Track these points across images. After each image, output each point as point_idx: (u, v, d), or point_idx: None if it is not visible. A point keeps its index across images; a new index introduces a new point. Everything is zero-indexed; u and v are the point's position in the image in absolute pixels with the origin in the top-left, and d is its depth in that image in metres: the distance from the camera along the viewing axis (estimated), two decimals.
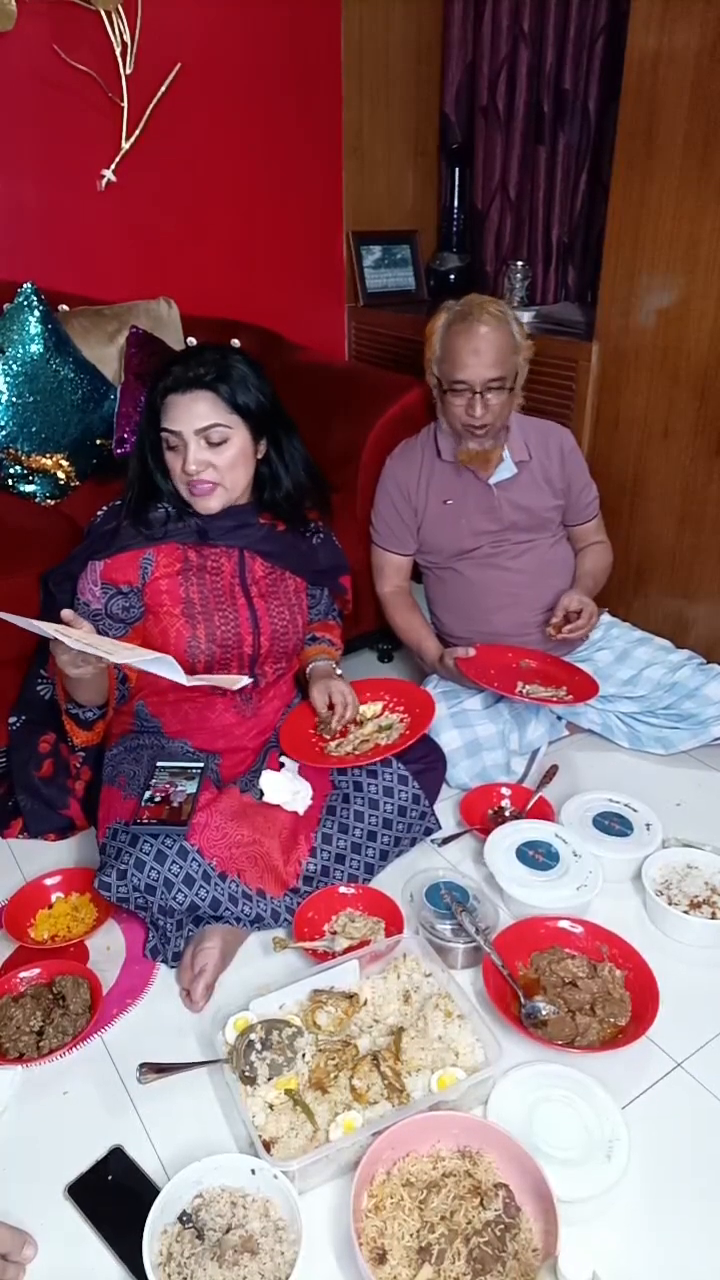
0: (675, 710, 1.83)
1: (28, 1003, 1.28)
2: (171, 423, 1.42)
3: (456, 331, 1.70)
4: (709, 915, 1.42)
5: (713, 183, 1.78)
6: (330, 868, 1.47)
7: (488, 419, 1.73)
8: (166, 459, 1.47)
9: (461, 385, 1.71)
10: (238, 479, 1.49)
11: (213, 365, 1.42)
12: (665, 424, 2.01)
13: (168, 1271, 0.95)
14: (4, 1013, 1.27)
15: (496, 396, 1.72)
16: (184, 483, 1.46)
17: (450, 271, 2.68)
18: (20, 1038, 1.24)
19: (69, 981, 1.30)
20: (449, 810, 1.72)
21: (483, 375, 1.69)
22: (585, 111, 2.37)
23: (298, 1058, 1.16)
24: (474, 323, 1.69)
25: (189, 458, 1.42)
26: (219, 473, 1.45)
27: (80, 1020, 1.26)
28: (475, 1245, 0.95)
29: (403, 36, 2.56)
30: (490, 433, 1.77)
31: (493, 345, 1.68)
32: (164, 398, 1.42)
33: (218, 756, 1.58)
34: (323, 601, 1.76)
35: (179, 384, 1.41)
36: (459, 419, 1.76)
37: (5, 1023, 1.26)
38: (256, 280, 2.57)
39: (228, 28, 2.28)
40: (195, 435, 1.42)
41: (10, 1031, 1.25)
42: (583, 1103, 1.14)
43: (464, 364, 1.69)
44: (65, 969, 1.33)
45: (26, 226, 2.17)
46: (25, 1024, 1.25)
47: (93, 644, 1.25)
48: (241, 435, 1.46)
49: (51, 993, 1.30)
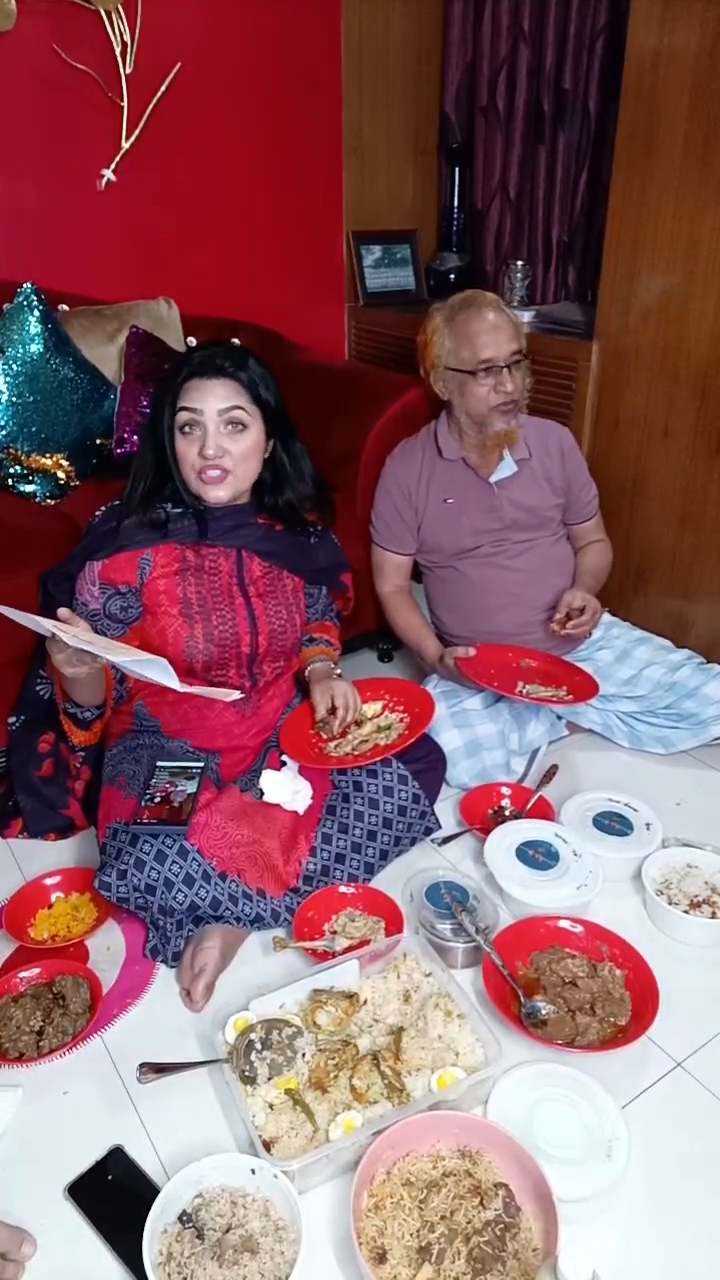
0: (675, 710, 1.83)
1: (28, 1003, 1.28)
2: (194, 401, 1.43)
3: (465, 319, 1.73)
4: (709, 915, 1.42)
5: (713, 183, 1.78)
6: (330, 867, 1.47)
7: (516, 394, 1.76)
8: (179, 447, 1.47)
9: (490, 363, 1.72)
10: (249, 471, 1.50)
11: (234, 357, 1.46)
12: (665, 424, 2.01)
13: (168, 1271, 0.95)
14: (4, 1013, 1.27)
15: (519, 370, 1.75)
16: (195, 470, 1.46)
17: (450, 271, 2.68)
18: (20, 1037, 1.24)
19: (69, 981, 1.30)
20: (449, 810, 1.72)
21: (506, 349, 1.72)
22: (585, 111, 2.37)
23: (298, 1057, 1.16)
24: (480, 307, 1.73)
25: (208, 441, 1.43)
26: (233, 460, 1.46)
27: (80, 1020, 1.26)
28: (475, 1245, 0.95)
29: (403, 36, 2.56)
30: (515, 410, 1.79)
31: (506, 320, 1.74)
32: (186, 380, 1.44)
33: (217, 756, 1.58)
34: (321, 601, 1.76)
35: (204, 369, 1.44)
36: (486, 402, 1.76)
37: (5, 1023, 1.26)
38: (256, 280, 2.57)
39: (228, 28, 2.28)
40: (218, 416, 1.43)
41: (10, 1031, 1.24)
42: (583, 1102, 1.14)
43: (485, 343, 1.72)
44: (65, 969, 1.33)
45: (26, 226, 2.17)
46: (25, 1024, 1.25)
47: (89, 642, 1.25)
48: (257, 428, 1.48)
49: (51, 992, 1.30)
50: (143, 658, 1.26)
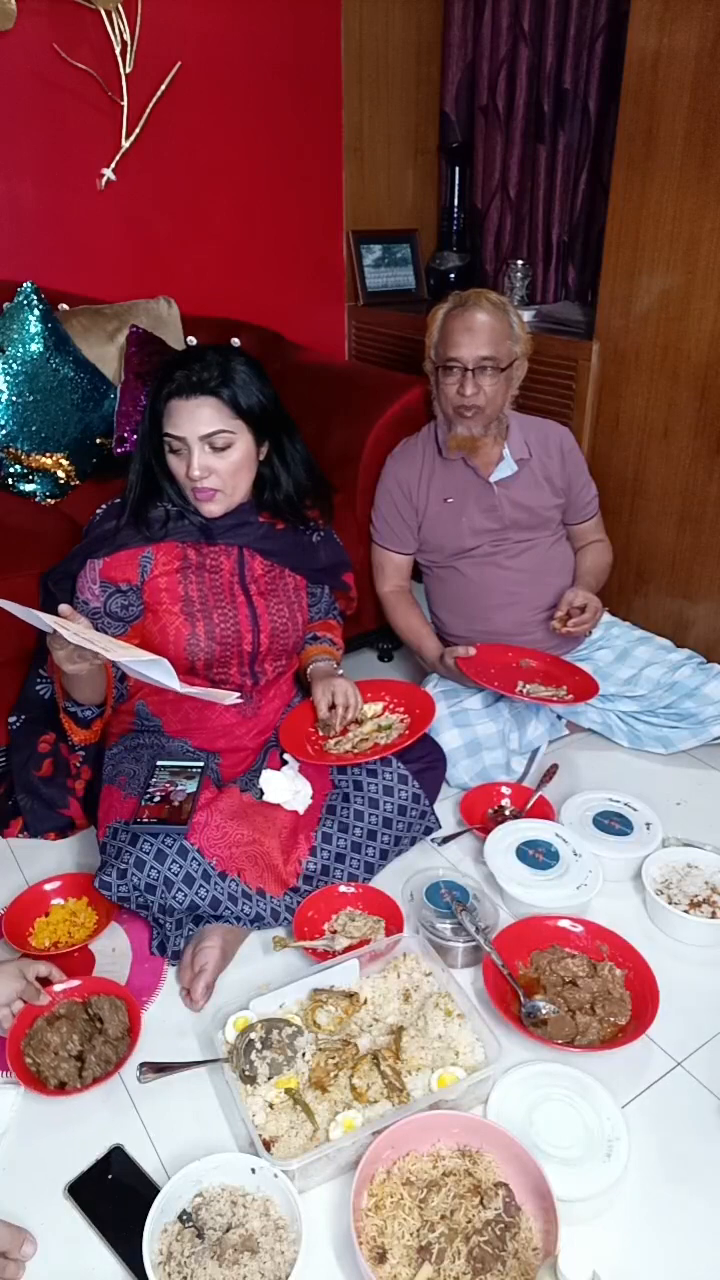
0: (675, 709, 1.83)
1: (63, 1025, 1.21)
2: (175, 428, 1.41)
3: (454, 315, 1.74)
4: (709, 914, 1.42)
5: (713, 183, 1.78)
6: (330, 867, 1.47)
7: (478, 400, 1.74)
8: (171, 463, 1.46)
9: (454, 363, 1.73)
10: (240, 484, 1.49)
11: (215, 368, 1.40)
12: (665, 424, 2.01)
13: (168, 1270, 0.95)
14: (39, 1038, 1.19)
15: (488, 379, 1.73)
16: (188, 487, 1.46)
17: (450, 270, 2.67)
18: (60, 1065, 1.17)
19: (106, 1003, 1.23)
20: (449, 809, 1.72)
21: (475, 353, 1.71)
22: (585, 111, 2.37)
23: (298, 1057, 1.16)
24: (472, 308, 1.73)
25: (193, 463, 1.42)
26: (221, 479, 1.45)
27: (121, 1045, 1.20)
28: (475, 1244, 0.95)
29: (403, 36, 2.56)
30: (480, 419, 1.77)
31: (487, 327, 1.71)
32: (167, 402, 1.41)
33: (218, 756, 1.58)
34: (323, 600, 1.76)
35: (182, 389, 1.39)
36: (450, 401, 1.77)
37: (42, 1049, 1.17)
38: (256, 280, 2.57)
39: (228, 27, 2.28)
40: (200, 441, 1.41)
41: (48, 1059, 1.17)
42: (583, 1102, 1.14)
43: (457, 342, 1.72)
44: (101, 988, 1.27)
45: (26, 226, 2.17)
46: (63, 1048, 1.17)
47: (90, 639, 1.25)
48: (245, 440, 1.45)
49: (87, 1013, 1.24)
50: (144, 657, 1.26)
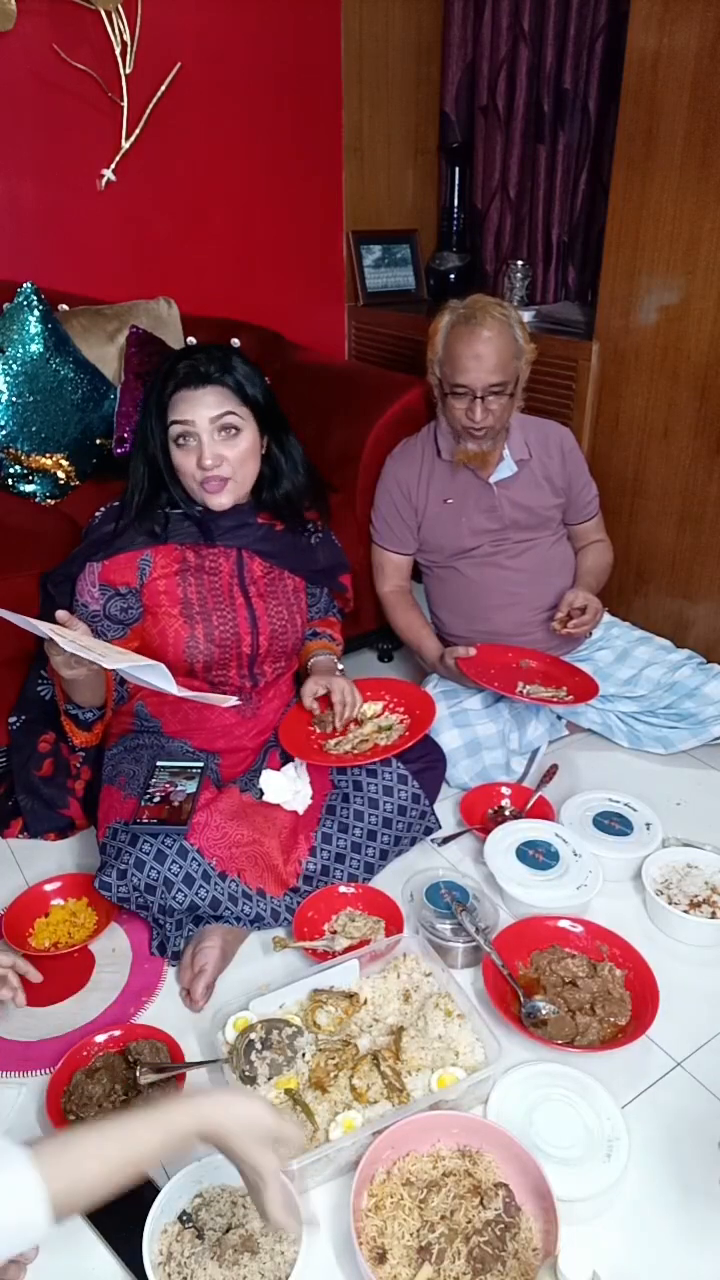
0: (675, 710, 1.83)
1: (103, 1077, 1.17)
2: (184, 414, 1.41)
3: (459, 335, 1.69)
4: (709, 915, 1.42)
5: (713, 183, 1.78)
6: (330, 867, 1.47)
7: (488, 422, 1.72)
8: (175, 459, 1.46)
9: (462, 389, 1.70)
10: (248, 473, 1.49)
11: (218, 361, 1.43)
12: (665, 424, 2.01)
13: (168, 1271, 0.95)
14: (80, 1092, 1.16)
15: (497, 401, 1.71)
16: (197, 480, 1.45)
17: (450, 271, 2.67)
18: (106, 1116, 1.08)
19: (145, 1047, 1.20)
20: (449, 810, 1.72)
21: (484, 380, 1.68)
22: (585, 111, 2.37)
23: (298, 1057, 1.17)
24: (477, 326, 1.67)
25: (205, 452, 1.42)
26: (231, 467, 1.45)
27: (169, 1088, 1.17)
28: (475, 1244, 0.95)
29: (403, 36, 2.56)
30: (489, 435, 1.77)
31: (494, 350, 1.67)
32: (173, 394, 1.42)
33: (217, 756, 1.58)
34: (322, 600, 1.76)
35: (189, 379, 1.41)
36: (459, 421, 1.76)
37: (84, 1104, 1.14)
38: (256, 280, 2.57)
39: (228, 28, 2.28)
40: (210, 424, 1.41)
41: (91, 1113, 1.13)
42: (583, 1102, 1.14)
43: (465, 368, 1.68)
44: (140, 1033, 1.24)
45: (26, 226, 2.17)
46: (105, 1100, 1.15)
47: (86, 646, 1.25)
48: (251, 428, 1.46)
49: (126, 1061, 1.20)
50: (140, 662, 1.26)
